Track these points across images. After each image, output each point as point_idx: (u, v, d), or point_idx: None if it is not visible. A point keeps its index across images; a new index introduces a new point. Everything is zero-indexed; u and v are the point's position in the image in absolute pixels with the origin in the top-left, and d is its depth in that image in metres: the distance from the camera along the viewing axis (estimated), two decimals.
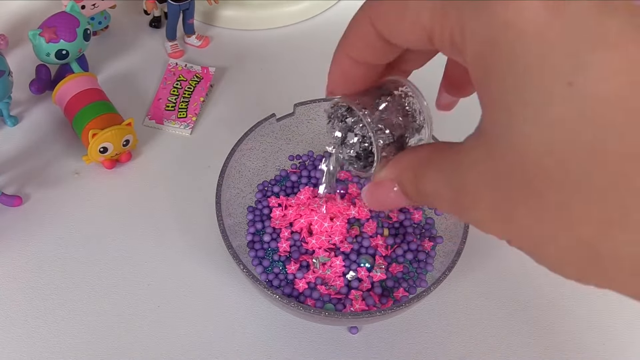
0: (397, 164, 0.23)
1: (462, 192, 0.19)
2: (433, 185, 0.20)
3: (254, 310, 0.47)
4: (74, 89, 0.55)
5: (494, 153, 0.17)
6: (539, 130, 0.16)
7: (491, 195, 0.18)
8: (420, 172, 0.21)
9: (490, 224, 0.18)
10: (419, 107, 0.25)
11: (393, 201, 0.23)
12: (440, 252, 0.48)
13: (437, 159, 0.21)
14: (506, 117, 0.17)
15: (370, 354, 0.46)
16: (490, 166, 0.18)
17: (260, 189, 0.52)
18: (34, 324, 0.46)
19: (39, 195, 0.53)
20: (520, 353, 0.46)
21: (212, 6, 0.68)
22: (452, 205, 0.20)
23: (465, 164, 0.19)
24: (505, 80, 0.17)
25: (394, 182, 0.23)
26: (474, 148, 0.18)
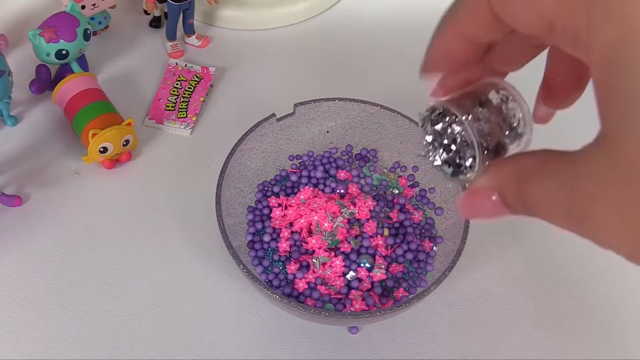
0: (498, 172, 0.21)
1: (582, 201, 0.18)
2: (543, 195, 0.19)
3: (254, 310, 0.47)
4: (74, 89, 0.55)
5: (621, 160, 0.16)
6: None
7: (618, 206, 0.17)
8: (524, 182, 0.20)
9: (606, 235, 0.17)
10: (520, 113, 0.24)
11: (490, 211, 0.21)
12: (440, 252, 0.48)
13: (548, 167, 0.19)
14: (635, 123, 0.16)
15: (370, 354, 0.46)
16: (616, 174, 0.16)
17: (260, 189, 0.52)
18: (34, 324, 0.46)
19: (39, 195, 0.53)
20: (520, 353, 0.46)
21: (212, 6, 0.68)
22: (567, 216, 0.18)
23: (586, 173, 0.17)
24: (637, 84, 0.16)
25: (494, 191, 0.21)
26: (596, 156, 0.17)
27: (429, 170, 0.51)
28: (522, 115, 0.24)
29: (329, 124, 0.53)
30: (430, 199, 0.51)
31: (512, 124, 0.24)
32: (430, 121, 0.25)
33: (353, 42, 0.68)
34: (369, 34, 0.69)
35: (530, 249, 0.51)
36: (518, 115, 0.24)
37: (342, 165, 0.53)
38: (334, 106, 0.52)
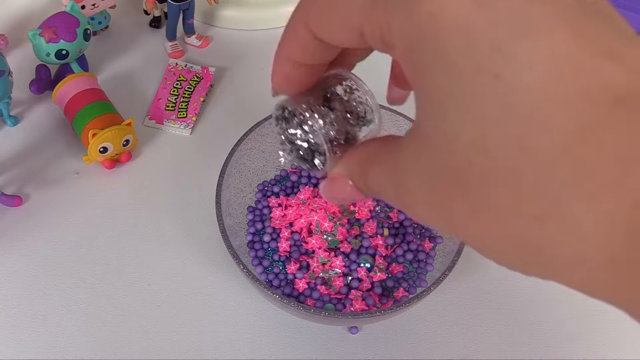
0: (347, 161, 0.23)
1: (402, 189, 0.19)
2: (378, 182, 0.20)
3: (254, 310, 0.47)
4: (74, 89, 0.55)
5: (427, 149, 0.17)
6: (467, 126, 0.16)
7: (428, 193, 0.18)
8: (368, 168, 0.21)
9: (432, 222, 0.18)
10: (365, 100, 0.25)
11: (349, 195, 0.23)
12: (440, 252, 0.48)
13: (381, 154, 0.21)
14: (437, 112, 0.17)
15: (370, 354, 0.46)
16: (425, 163, 0.17)
17: (260, 189, 0.52)
18: (34, 324, 0.46)
19: (39, 195, 0.53)
20: (520, 353, 0.46)
21: (212, 6, 0.68)
22: (396, 202, 0.20)
23: (403, 161, 0.19)
24: (434, 76, 0.16)
25: (347, 178, 0.23)
26: (410, 144, 0.18)
27: None
28: (369, 102, 0.25)
29: None
30: None
31: (359, 113, 0.25)
32: (284, 119, 0.26)
33: None
34: None
35: None
36: (365, 103, 0.25)
37: None
38: None
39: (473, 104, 0.16)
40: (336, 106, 0.25)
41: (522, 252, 0.16)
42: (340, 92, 0.25)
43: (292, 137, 0.25)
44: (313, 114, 0.24)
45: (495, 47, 0.15)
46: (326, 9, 0.20)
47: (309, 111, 0.24)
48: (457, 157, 0.16)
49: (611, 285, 0.16)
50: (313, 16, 0.21)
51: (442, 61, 0.16)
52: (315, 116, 0.24)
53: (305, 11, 0.22)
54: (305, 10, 0.22)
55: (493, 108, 0.15)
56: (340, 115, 0.25)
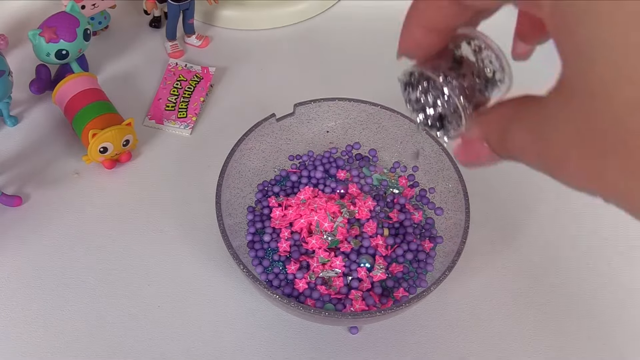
0: (483, 122, 0.22)
1: (550, 148, 0.18)
2: (520, 142, 0.20)
3: (254, 310, 0.47)
4: (74, 89, 0.55)
5: (579, 109, 0.17)
6: (621, 83, 0.15)
7: (579, 153, 0.17)
8: (506, 128, 0.20)
9: (580, 181, 0.18)
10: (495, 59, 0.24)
11: (485, 158, 0.22)
12: (440, 252, 0.48)
13: (521, 114, 0.20)
14: (589, 71, 0.16)
15: (370, 354, 0.46)
16: (575, 119, 0.17)
17: (260, 189, 0.52)
18: (33, 324, 0.46)
19: (39, 195, 0.53)
20: (520, 353, 0.46)
21: (212, 6, 0.68)
22: (541, 162, 0.19)
23: (551, 120, 0.18)
24: (586, 33, 0.16)
25: (483, 140, 0.22)
26: (558, 103, 0.18)
27: (429, 170, 0.51)
28: (499, 62, 0.24)
29: (329, 124, 0.53)
30: (430, 199, 0.51)
31: (488, 73, 0.24)
32: (411, 85, 0.25)
33: (353, 42, 0.68)
34: (369, 33, 0.69)
35: (530, 249, 0.51)
36: (495, 62, 0.24)
37: (342, 165, 0.53)
38: (334, 106, 0.52)
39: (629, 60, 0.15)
40: (466, 68, 0.24)
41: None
42: (469, 53, 0.24)
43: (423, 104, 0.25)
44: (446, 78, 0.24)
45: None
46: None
47: (442, 76, 0.24)
48: (613, 115, 0.16)
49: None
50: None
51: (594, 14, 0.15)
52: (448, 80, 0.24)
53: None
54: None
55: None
56: (471, 77, 0.24)
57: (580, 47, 0.16)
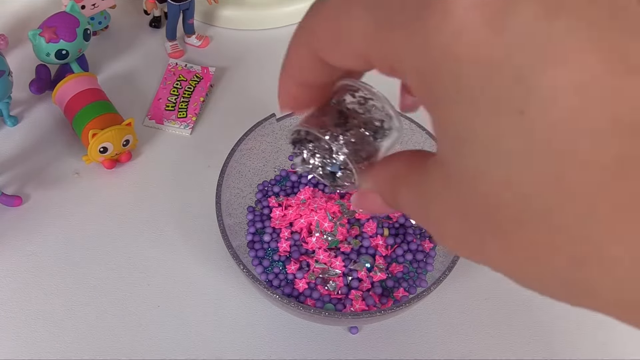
0: (375, 178, 0.23)
1: (431, 219, 0.18)
2: (407, 204, 0.20)
3: (254, 310, 0.47)
4: (74, 89, 0.55)
5: (453, 185, 0.17)
6: (493, 164, 0.15)
7: (457, 228, 0.17)
8: (397, 188, 0.20)
9: (463, 254, 0.18)
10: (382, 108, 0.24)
11: (380, 209, 0.23)
12: (440, 252, 0.48)
13: (408, 176, 0.20)
14: (460, 147, 0.16)
15: (370, 354, 0.46)
16: (451, 198, 0.17)
17: (260, 189, 0.52)
18: (34, 324, 0.46)
19: (39, 195, 0.53)
20: (520, 353, 0.46)
21: (212, 6, 0.68)
22: (426, 228, 0.19)
23: (430, 192, 0.18)
24: (453, 110, 0.15)
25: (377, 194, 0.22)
26: (436, 175, 0.18)
27: None
28: (385, 111, 0.24)
29: None
30: None
31: (377, 123, 0.24)
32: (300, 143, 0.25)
33: None
34: None
35: None
36: (382, 111, 0.24)
37: None
38: None
39: (499, 142, 0.15)
40: (353, 122, 0.24)
41: (561, 289, 0.16)
42: (355, 106, 0.24)
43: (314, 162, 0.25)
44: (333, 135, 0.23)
45: (517, 79, 0.14)
46: (329, 33, 0.19)
47: (329, 134, 0.23)
48: (486, 196, 0.15)
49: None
50: (316, 39, 0.20)
51: (460, 96, 0.15)
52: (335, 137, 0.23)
53: (308, 33, 0.20)
54: (308, 32, 0.20)
55: (521, 146, 0.14)
56: (359, 131, 0.24)
57: (450, 124, 0.16)
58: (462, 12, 0.15)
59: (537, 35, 0.14)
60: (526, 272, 0.16)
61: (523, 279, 0.17)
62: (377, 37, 0.17)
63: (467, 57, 0.15)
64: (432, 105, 0.16)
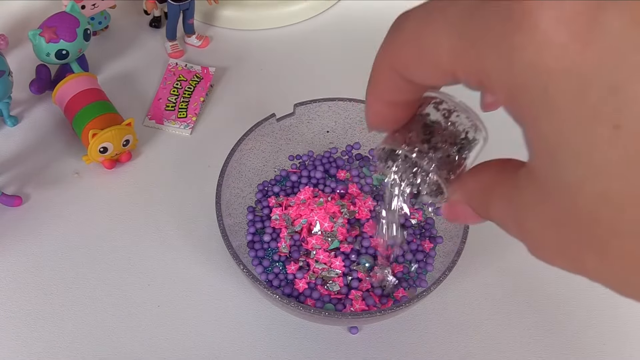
0: (464, 188, 0.23)
1: (525, 231, 0.18)
2: (500, 214, 0.20)
3: (254, 310, 0.47)
4: (74, 89, 0.55)
5: (548, 197, 0.17)
6: (590, 178, 0.15)
7: (553, 240, 0.17)
8: (488, 198, 0.21)
9: (560, 265, 0.18)
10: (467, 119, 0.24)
11: (471, 219, 0.23)
12: (440, 252, 0.48)
13: (499, 187, 0.20)
14: (553, 161, 0.16)
15: (370, 354, 0.46)
16: (546, 210, 0.17)
17: (260, 189, 0.52)
18: (34, 324, 0.46)
19: (39, 195, 0.53)
20: (520, 353, 0.46)
21: (212, 6, 0.68)
22: (520, 239, 0.19)
23: (523, 204, 0.18)
24: (546, 124, 0.15)
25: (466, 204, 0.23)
26: (529, 187, 0.18)
27: None
28: (470, 121, 0.24)
29: (329, 124, 0.53)
30: None
31: (461, 135, 0.24)
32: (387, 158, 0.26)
33: (353, 42, 0.68)
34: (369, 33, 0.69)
35: None
36: (466, 122, 0.24)
37: (342, 165, 0.53)
38: (334, 106, 0.52)
39: (593, 155, 0.15)
40: (438, 135, 0.24)
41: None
42: (439, 118, 0.24)
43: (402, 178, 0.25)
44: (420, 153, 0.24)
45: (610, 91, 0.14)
46: (413, 52, 0.19)
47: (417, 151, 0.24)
48: (582, 208, 0.16)
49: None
50: (400, 59, 0.20)
51: (553, 109, 0.15)
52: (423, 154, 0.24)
53: (392, 54, 0.20)
54: (391, 52, 0.20)
55: (616, 159, 0.14)
56: (445, 143, 0.24)
57: (542, 138, 0.16)
58: (548, 27, 0.14)
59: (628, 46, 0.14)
60: (626, 282, 0.16)
61: (623, 289, 0.17)
62: (463, 52, 0.17)
63: (557, 71, 0.15)
64: (523, 118, 0.16)
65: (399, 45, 0.20)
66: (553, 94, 0.15)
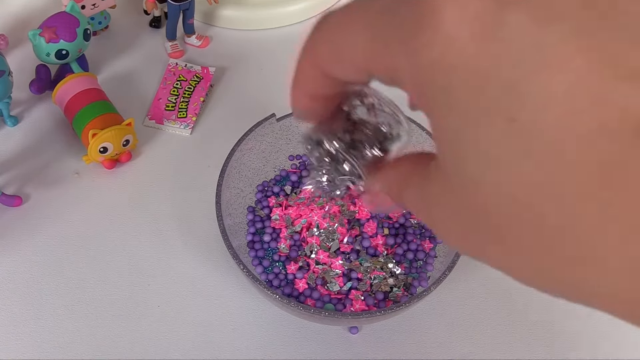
0: (384, 179, 0.24)
1: (432, 220, 0.19)
2: (412, 204, 0.21)
3: (254, 310, 0.47)
4: (74, 89, 0.55)
5: (451, 189, 0.17)
6: (487, 171, 0.15)
7: (458, 228, 0.18)
8: (402, 188, 0.22)
9: (465, 253, 0.19)
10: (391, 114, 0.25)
11: (390, 208, 0.24)
12: (440, 252, 0.48)
13: (413, 177, 0.21)
14: (454, 154, 0.16)
15: (370, 354, 0.46)
16: (450, 201, 0.18)
17: (260, 189, 0.52)
18: (33, 324, 0.46)
19: (39, 195, 0.53)
20: (520, 353, 0.46)
21: (212, 6, 0.68)
22: (430, 227, 0.20)
23: (431, 194, 0.19)
24: (447, 119, 0.16)
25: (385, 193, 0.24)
26: (436, 179, 0.19)
27: None
28: (394, 116, 0.25)
29: None
30: None
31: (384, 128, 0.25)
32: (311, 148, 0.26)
33: None
34: None
35: None
36: (390, 117, 0.25)
37: None
38: None
39: (490, 149, 0.15)
40: (361, 128, 0.25)
41: (557, 288, 0.17)
42: (364, 112, 0.25)
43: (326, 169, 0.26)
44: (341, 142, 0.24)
45: (507, 87, 0.14)
46: (331, 50, 0.20)
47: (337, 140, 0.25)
48: (481, 200, 0.16)
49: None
50: (320, 55, 0.21)
51: (453, 105, 0.16)
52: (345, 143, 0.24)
53: (312, 50, 0.21)
54: (311, 49, 0.22)
55: (511, 153, 0.15)
56: (368, 135, 0.25)
57: (445, 132, 0.16)
58: (452, 25, 0.15)
59: (527, 44, 0.14)
60: (524, 272, 0.17)
61: (521, 278, 0.18)
62: (376, 51, 0.18)
63: (457, 69, 0.15)
64: (429, 114, 0.17)
65: (319, 43, 0.21)
66: (454, 90, 0.15)
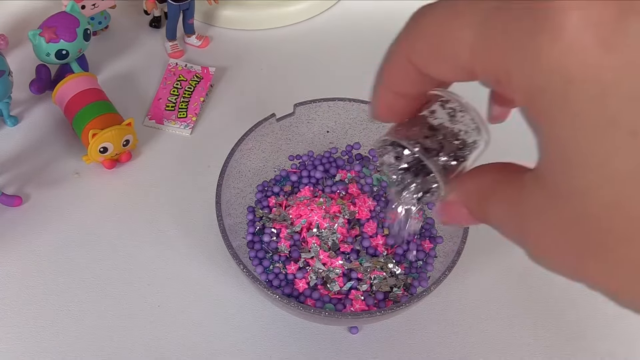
0: (462, 188, 0.22)
1: (527, 235, 0.18)
2: (498, 217, 0.20)
3: (254, 310, 0.47)
4: (74, 89, 0.55)
5: (556, 203, 0.16)
6: (602, 185, 0.15)
7: (556, 244, 0.17)
8: (486, 200, 0.20)
9: (559, 270, 0.18)
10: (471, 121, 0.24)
11: (465, 220, 0.23)
12: (440, 252, 0.48)
13: (500, 190, 0.20)
14: (566, 167, 0.16)
15: (370, 354, 0.46)
16: (554, 215, 0.17)
17: (260, 189, 0.52)
18: (34, 324, 0.46)
19: (39, 195, 0.53)
20: (520, 353, 0.46)
21: (212, 6, 0.68)
22: (518, 242, 0.19)
23: (528, 207, 0.18)
24: (561, 130, 0.15)
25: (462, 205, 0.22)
26: (535, 192, 0.18)
27: None
28: (475, 123, 0.24)
29: (329, 124, 0.53)
30: None
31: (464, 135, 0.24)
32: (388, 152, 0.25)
33: (353, 42, 0.68)
34: (369, 33, 0.69)
35: None
36: (471, 124, 0.24)
37: (342, 165, 0.53)
38: (334, 106, 0.52)
39: (609, 162, 0.14)
40: (441, 134, 0.24)
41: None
42: (444, 117, 0.24)
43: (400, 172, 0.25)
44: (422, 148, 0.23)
45: (631, 99, 0.14)
46: (432, 45, 0.19)
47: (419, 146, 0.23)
48: (592, 215, 0.15)
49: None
50: (417, 51, 0.20)
51: (570, 114, 0.15)
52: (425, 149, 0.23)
53: (409, 44, 0.20)
54: (408, 43, 0.20)
55: (631, 168, 0.14)
56: (448, 142, 0.24)
57: (557, 142, 0.16)
58: (574, 31, 0.14)
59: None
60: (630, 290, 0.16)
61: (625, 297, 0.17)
62: (485, 50, 0.17)
63: (578, 77, 0.14)
64: (539, 122, 0.16)
65: (418, 37, 0.19)
66: (573, 99, 0.15)
